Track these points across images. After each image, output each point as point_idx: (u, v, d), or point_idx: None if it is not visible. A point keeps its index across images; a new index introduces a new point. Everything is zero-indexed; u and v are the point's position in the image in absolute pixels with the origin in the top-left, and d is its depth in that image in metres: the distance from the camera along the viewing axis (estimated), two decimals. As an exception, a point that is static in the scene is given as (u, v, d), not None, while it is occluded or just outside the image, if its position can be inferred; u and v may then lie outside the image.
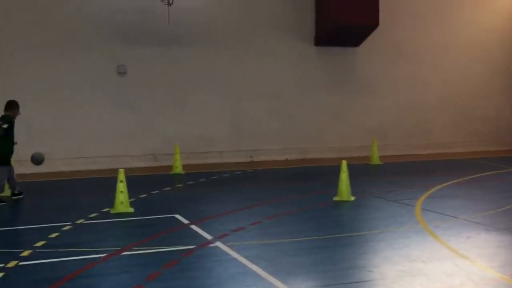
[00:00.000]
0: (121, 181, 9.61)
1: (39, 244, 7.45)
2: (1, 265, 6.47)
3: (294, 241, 7.58)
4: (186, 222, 8.75)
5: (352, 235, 7.95)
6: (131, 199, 10.12)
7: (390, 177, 13.72)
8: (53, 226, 8.51)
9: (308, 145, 17.70)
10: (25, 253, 7.01)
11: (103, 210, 9.70)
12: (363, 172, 14.46)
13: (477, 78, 19.75)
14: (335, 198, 10.43)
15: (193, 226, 8.44)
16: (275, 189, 12.03)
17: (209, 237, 7.72)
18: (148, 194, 11.29)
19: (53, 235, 7.94)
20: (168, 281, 5.96)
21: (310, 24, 17.60)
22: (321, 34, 17.36)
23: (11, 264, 6.55)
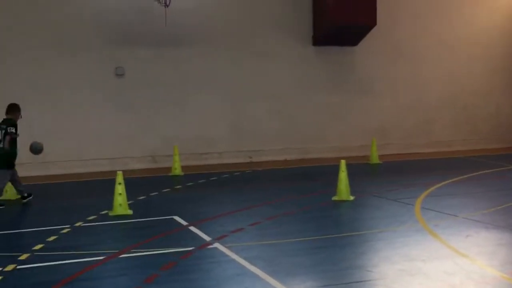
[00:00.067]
0: (119, 183, 9.59)
1: (37, 247, 7.44)
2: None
3: (293, 242, 7.55)
4: (185, 223, 8.73)
5: (352, 235, 7.92)
6: (130, 201, 10.09)
7: (389, 176, 13.69)
8: (52, 229, 8.49)
9: (308, 145, 17.66)
10: (23, 257, 6.99)
11: (102, 212, 9.68)
12: (363, 172, 14.43)
13: (477, 77, 19.69)
14: (334, 198, 10.40)
15: (191, 228, 8.42)
16: (274, 190, 11.99)
17: (208, 239, 7.70)
18: (147, 196, 11.27)
19: (51, 238, 7.92)
20: (167, 283, 5.94)
21: (308, 24, 17.56)
22: (318, 34, 17.33)
23: (9, 267, 6.53)
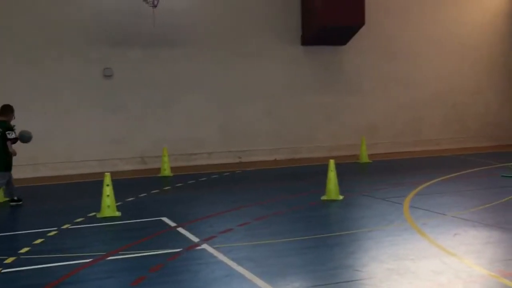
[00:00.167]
0: (107, 185, 9.52)
1: (23, 250, 7.36)
2: (-16, 272, 6.39)
3: (282, 242, 7.52)
4: (173, 225, 8.68)
5: (341, 234, 7.90)
6: (118, 203, 10.03)
7: (378, 175, 13.69)
8: (38, 232, 8.40)
9: (298, 145, 17.65)
10: (9, 260, 6.91)
11: (90, 214, 9.60)
12: (352, 171, 14.44)
13: (466, 75, 19.77)
14: (323, 198, 10.39)
15: (180, 229, 8.37)
16: (264, 190, 11.97)
17: (196, 240, 7.65)
18: (135, 198, 11.21)
19: (37, 241, 7.84)
20: (154, 285, 5.90)
21: (296, 24, 17.54)
22: (307, 34, 17.32)
23: (-5, 271, 6.47)
